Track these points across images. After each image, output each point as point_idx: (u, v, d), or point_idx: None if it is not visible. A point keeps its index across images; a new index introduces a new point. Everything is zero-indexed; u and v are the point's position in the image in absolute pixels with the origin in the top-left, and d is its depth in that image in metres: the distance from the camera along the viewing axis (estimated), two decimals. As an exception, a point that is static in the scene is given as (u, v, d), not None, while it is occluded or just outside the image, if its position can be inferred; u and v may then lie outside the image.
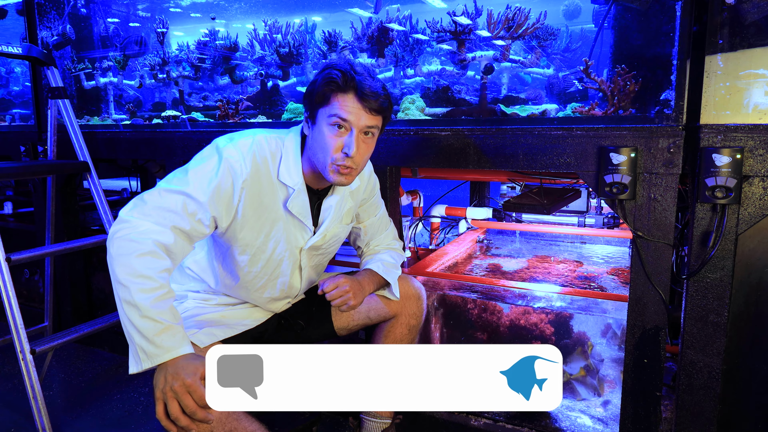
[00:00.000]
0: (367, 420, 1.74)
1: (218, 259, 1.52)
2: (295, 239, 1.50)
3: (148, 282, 1.20)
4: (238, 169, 1.34)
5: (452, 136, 1.81)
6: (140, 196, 1.31)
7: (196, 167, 1.34)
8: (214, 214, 1.33)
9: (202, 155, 1.38)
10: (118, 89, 2.83)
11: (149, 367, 1.20)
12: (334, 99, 1.34)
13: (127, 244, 1.22)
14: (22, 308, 1.93)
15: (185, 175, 1.33)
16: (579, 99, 1.86)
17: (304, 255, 1.55)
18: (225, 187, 1.33)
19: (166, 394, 1.16)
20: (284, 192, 1.44)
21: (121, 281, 1.20)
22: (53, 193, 2.47)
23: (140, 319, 1.19)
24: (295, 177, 1.43)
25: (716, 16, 1.45)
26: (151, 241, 1.23)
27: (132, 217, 1.26)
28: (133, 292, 1.19)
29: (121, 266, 1.21)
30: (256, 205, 1.40)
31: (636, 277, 1.60)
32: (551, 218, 2.61)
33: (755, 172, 1.42)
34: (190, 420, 1.15)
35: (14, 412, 2.23)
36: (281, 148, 1.44)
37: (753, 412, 1.59)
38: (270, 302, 1.61)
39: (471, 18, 1.96)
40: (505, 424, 1.88)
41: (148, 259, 1.22)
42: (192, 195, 1.29)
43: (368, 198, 1.69)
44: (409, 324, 1.68)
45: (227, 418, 1.26)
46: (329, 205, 1.53)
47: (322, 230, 1.53)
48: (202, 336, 1.42)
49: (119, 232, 1.24)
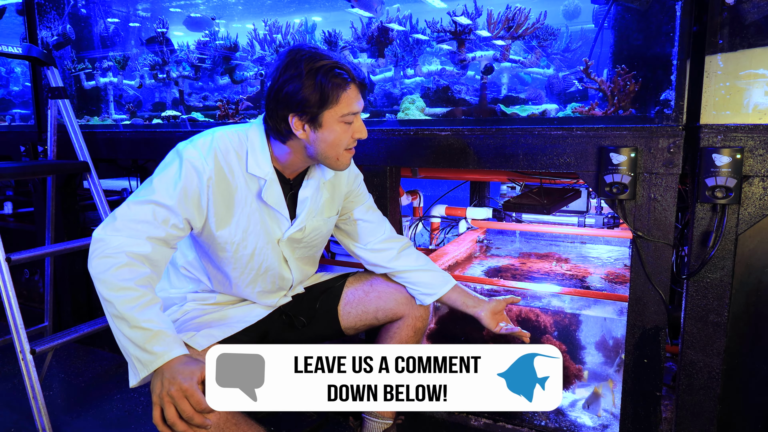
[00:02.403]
0: (369, 420, 1.74)
1: (206, 259, 1.52)
2: (272, 231, 1.48)
3: (129, 293, 1.22)
4: (200, 167, 1.34)
5: (452, 136, 1.81)
6: (112, 213, 1.32)
7: (159, 175, 1.35)
8: (186, 216, 1.34)
9: (164, 163, 1.39)
10: (118, 89, 2.83)
11: (146, 375, 1.20)
12: (343, 97, 1.33)
13: (104, 261, 1.24)
14: (22, 308, 1.93)
15: (150, 185, 1.34)
16: (579, 99, 1.86)
17: (285, 246, 1.52)
18: (191, 187, 1.33)
19: (162, 398, 1.15)
20: (256, 184, 1.43)
21: (106, 297, 1.22)
22: (53, 193, 2.47)
23: (130, 330, 1.20)
24: (265, 167, 1.42)
25: (716, 16, 1.45)
26: (124, 253, 1.24)
27: (105, 234, 1.28)
28: (118, 306, 1.20)
29: (102, 283, 1.23)
30: (228, 202, 1.40)
31: (636, 277, 1.60)
32: (551, 218, 2.61)
33: (755, 172, 1.42)
34: (187, 425, 1.14)
35: (14, 412, 2.23)
36: (245, 141, 1.42)
37: (753, 412, 1.59)
38: (264, 296, 1.59)
39: (471, 18, 1.96)
40: (505, 424, 1.88)
41: (125, 270, 1.23)
42: (160, 201, 1.30)
43: (353, 190, 1.66)
44: (416, 326, 1.67)
45: (225, 423, 1.25)
46: (305, 196, 1.50)
47: (300, 221, 1.50)
48: (199, 338, 1.41)
49: (95, 252, 1.26)
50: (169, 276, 1.62)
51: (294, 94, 1.30)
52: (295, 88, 1.30)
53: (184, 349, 1.23)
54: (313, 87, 1.29)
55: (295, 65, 1.31)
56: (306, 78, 1.29)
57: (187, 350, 1.23)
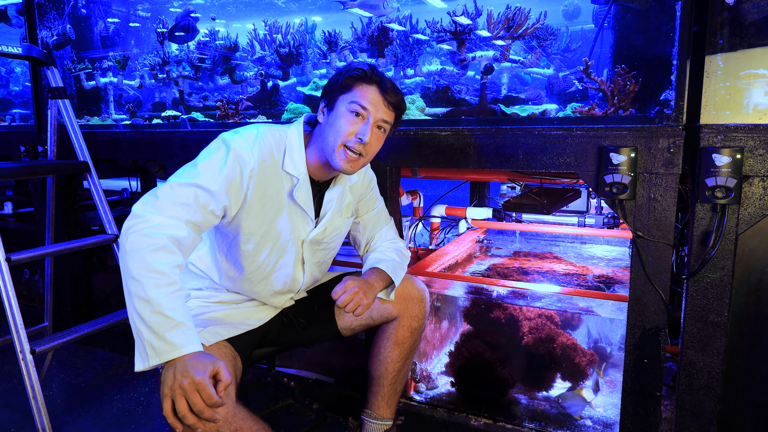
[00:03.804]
0: (368, 422, 1.74)
1: (221, 251, 1.53)
2: (297, 230, 1.53)
3: (162, 278, 1.20)
4: (246, 158, 1.38)
5: (452, 136, 1.82)
6: (152, 191, 1.32)
7: (205, 159, 1.38)
8: (225, 203, 1.36)
9: (209, 149, 1.42)
10: (118, 89, 2.83)
11: (157, 364, 1.19)
12: (356, 87, 1.43)
13: (142, 239, 1.22)
14: (22, 308, 1.93)
15: (195, 168, 1.36)
16: (579, 99, 1.86)
17: (306, 248, 1.56)
18: (234, 176, 1.37)
19: (174, 391, 1.15)
20: (289, 182, 1.48)
21: (135, 276, 1.20)
22: (53, 193, 2.47)
23: (151, 315, 1.18)
24: (300, 167, 1.47)
25: (716, 16, 1.45)
26: (165, 236, 1.24)
27: (145, 211, 1.27)
28: (147, 288, 1.19)
29: (135, 261, 1.21)
30: (261, 195, 1.44)
31: (636, 277, 1.60)
32: (551, 218, 2.61)
33: (755, 172, 1.42)
34: (197, 418, 1.15)
35: (14, 412, 2.23)
36: (284, 139, 1.49)
37: (753, 412, 1.59)
38: (273, 296, 1.61)
39: (471, 18, 1.96)
40: (505, 424, 1.88)
41: (163, 254, 1.22)
42: (203, 186, 1.32)
43: (366, 193, 1.71)
44: (411, 326, 1.68)
45: (233, 417, 1.27)
46: (331, 198, 1.56)
47: (324, 222, 1.55)
48: (206, 334, 1.42)
49: (133, 227, 1.24)
50: None
51: (329, 82, 1.49)
52: (329, 80, 1.49)
53: (201, 346, 1.22)
54: (338, 77, 1.46)
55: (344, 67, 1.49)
56: (337, 73, 1.48)
57: (202, 347, 1.23)
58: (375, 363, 1.71)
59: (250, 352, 1.57)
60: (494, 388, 2.01)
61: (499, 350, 2.03)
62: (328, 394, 2.17)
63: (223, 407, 1.21)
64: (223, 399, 1.17)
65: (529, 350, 1.99)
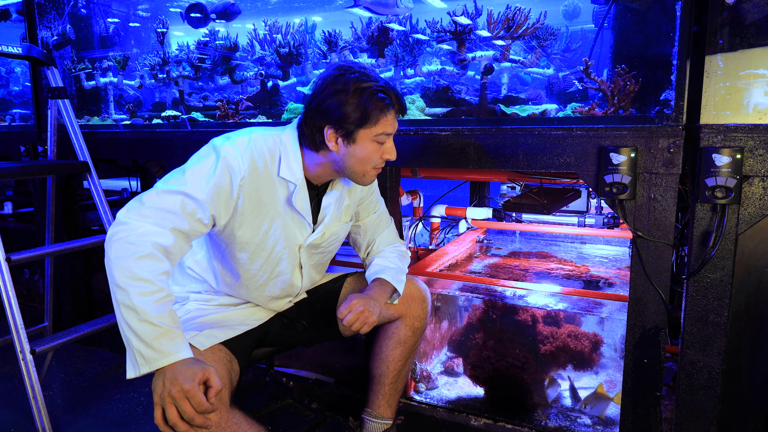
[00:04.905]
0: (369, 421, 1.74)
1: (217, 258, 1.52)
2: (294, 236, 1.50)
3: (147, 285, 1.19)
4: (236, 167, 1.34)
5: (452, 136, 1.81)
6: (138, 197, 1.30)
7: (193, 167, 1.34)
8: (213, 212, 1.33)
9: (198, 155, 1.38)
10: (118, 89, 2.83)
11: (147, 371, 1.18)
12: (382, 120, 1.37)
13: (126, 247, 1.21)
14: (22, 308, 1.93)
15: (183, 175, 1.32)
16: (579, 99, 1.86)
17: (304, 252, 1.55)
18: (223, 185, 1.33)
19: (164, 399, 1.14)
20: (285, 188, 1.44)
21: (120, 284, 1.19)
22: (53, 193, 2.47)
23: (138, 323, 1.17)
24: (297, 172, 1.44)
25: (716, 16, 1.45)
26: (150, 243, 1.22)
27: (130, 218, 1.25)
28: (132, 296, 1.17)
29: (120, 269, 1.19)
30: (255, 203, 1.40)
31: (636, 277, 1.60)
32: (551, 218, 2.61)
33: (755, 172, 1.42)
34: (188, 425, 1.14)
35: (14, 412, 2.23)
36: (279, 145, 1.44)
37: (753, 412, 1.59)
38: (271, 301, 1.60)
39: (471, 18, 1.96)
40: (505, 424, 1.88)
41: (148, 261, 1.21)
42: (190, 194, 1.29)
43: (366, 196, 1.68)
44: (413, 326, 1.67)
45: (227, 422, 1.26)
46: (329, 202, 1.54)
47: (323, 227, 1.53)
48: (202, 338, 1.40)
49: (117, 234, 1.23)
50: (174, 274, 1.62)
51: (336, 108, 1.34)
52: (338, 103, 1.34)
53: (190, 352, 1.22)
54: (356, 105, 1.34)
55: (343, 81, 1.35)
56: (351, 96, 1.34)
57: (192, 353, 1.22)
58: (376, 362, 1.71)
59: (249, 352, 1.56)
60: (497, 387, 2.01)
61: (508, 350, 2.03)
62: (327, 394, 2.17)
63: (215, 413, 1.19)
64: (215, 405, 1.16)
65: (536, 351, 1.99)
